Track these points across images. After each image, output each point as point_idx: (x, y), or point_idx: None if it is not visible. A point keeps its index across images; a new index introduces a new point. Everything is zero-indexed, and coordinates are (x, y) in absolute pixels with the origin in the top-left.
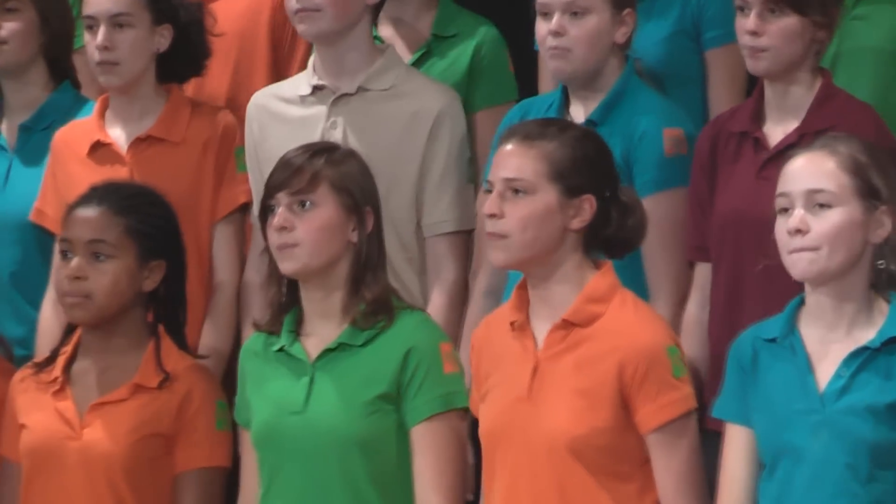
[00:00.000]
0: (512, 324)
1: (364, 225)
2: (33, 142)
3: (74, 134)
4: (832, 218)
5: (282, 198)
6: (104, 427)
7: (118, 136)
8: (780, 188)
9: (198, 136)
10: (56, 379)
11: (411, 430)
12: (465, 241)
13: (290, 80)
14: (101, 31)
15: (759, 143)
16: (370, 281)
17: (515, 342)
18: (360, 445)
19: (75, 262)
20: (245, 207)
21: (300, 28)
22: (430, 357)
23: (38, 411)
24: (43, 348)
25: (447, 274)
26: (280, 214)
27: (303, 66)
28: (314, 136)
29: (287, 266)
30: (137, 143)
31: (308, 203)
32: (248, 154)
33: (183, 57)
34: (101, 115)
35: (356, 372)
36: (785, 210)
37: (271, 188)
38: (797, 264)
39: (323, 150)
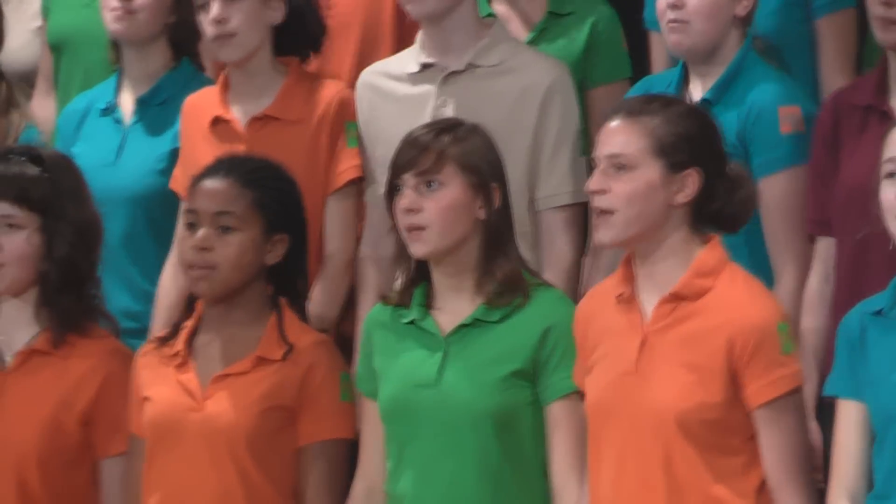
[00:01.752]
0: (619, 296)
1: (491, 202)
2: (149, 116)
3: (202, 103)
4: None
5: (408, 179)
6: (227, 399)
7: (238, 112)
8: (887, 153)
9: (313, 112)
10: (178, 352)
11: (547, 407)
12: (579, 214)
13: (397, 57)
14: (215, 7)
15: (887, 116)
16: (501, 259)
17: (622, 316)
18: (494, 421)
19: (202, 233)
20: (356, 182)
21: (408, 8)
22: (568, 335)
23: (161, 385)
24: (161, 320)
25: (560, 247)
26: (406, 196)
27: None
28: (424, 115)
29: (417, 249)
30: (255, 122)
31: (434, 183)
32: (360, 131)
33: (299, 32)
34: (225, 88)
35: (491, 348)
36: (891, 175)
37: (397, 168)
38: None
39: (448, 128)
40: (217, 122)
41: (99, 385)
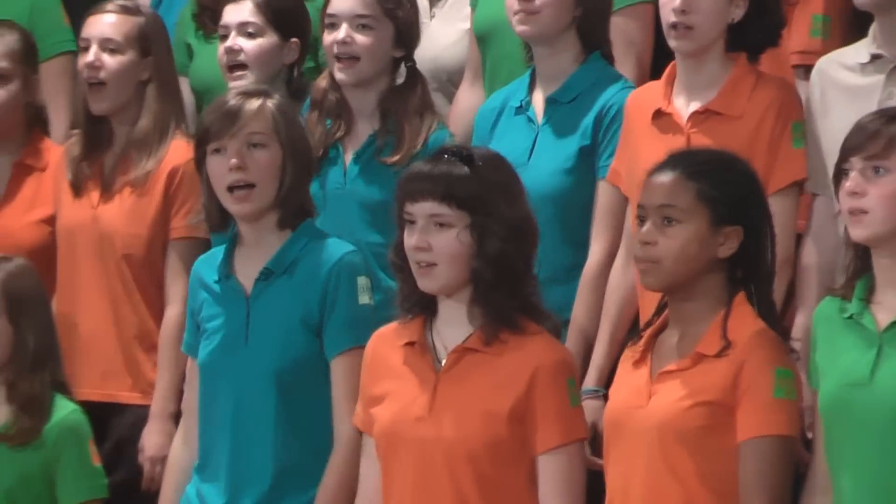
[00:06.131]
0: None
1: None
2: (559, 115)
3: (645, 98)
4: None
5: (855, 162)
6: (664, 394)
7: (681, 105)
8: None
9: (756, 108)
10: (640, 348)
11: None
12: None
13: (854, 46)
14: None
15: None
16: None
17: None
18: None
19: (647, 226)
20: (799, 183)
21: (858, 1)
22: None
23: (622, 382)
24: (608, 324)
25: None
26: (852, 179)
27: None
28: (871, 106)
29: (857, 233)
30: (696, 115)
31: (881, 169)
32: (807, 119)
33: (756, 27)
34: (669, 82)
35: None
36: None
37: (846, 151)
38: None
39: None
40: (659, 114)
41: (529, 382)
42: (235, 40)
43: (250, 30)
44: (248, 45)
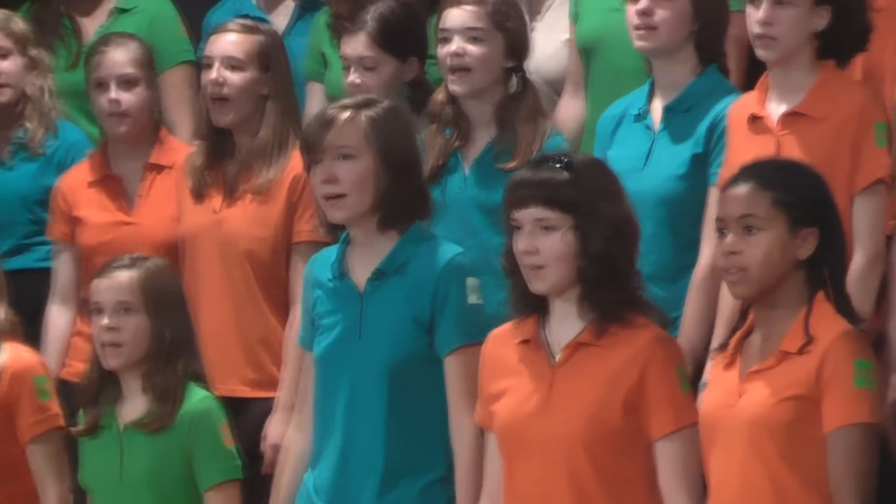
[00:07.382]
0: None
1: None
2: (675, 123)
3: (743, 105)
4: None
5: None
6: (753, 393)
7: (772, 109)
8: None
9: (840, 110)
10: (729, 352)
11: None
12: None
13: None
14: (763, 9)
15: None
16: None
17: None
18: None
19: (729, 238)
20: (884, 181)
21: None
22: None
23: (713, 386)
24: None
25: None
26: None
27: None
28: None
29: None
30: (786, 118)
31: None
32: None
33: (842, 33)
34: (764, 89)
35: None
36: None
37: None
38: None
39: None
40: (753, 119)
41: (640, 371)
42: (356, 75)
43: (368, 64)
44: (369, 78)
